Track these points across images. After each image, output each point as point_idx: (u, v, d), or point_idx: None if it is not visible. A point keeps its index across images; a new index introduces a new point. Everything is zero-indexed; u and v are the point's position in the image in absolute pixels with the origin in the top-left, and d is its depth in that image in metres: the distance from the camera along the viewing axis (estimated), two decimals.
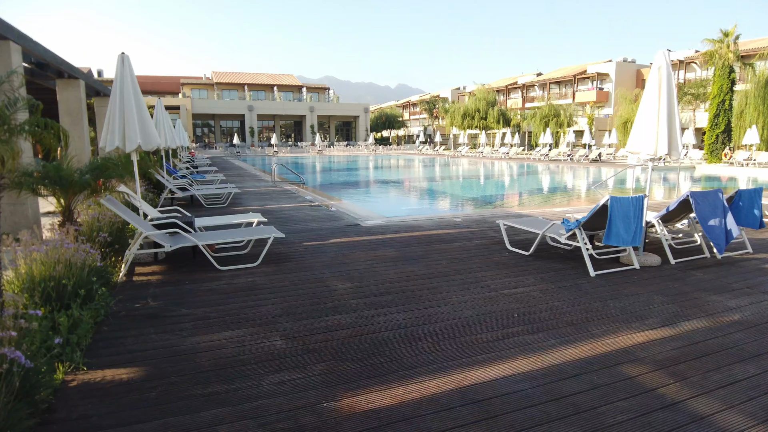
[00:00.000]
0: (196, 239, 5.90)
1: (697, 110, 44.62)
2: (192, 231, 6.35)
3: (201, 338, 3.96)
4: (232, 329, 4.14)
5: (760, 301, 4.90)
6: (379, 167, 33.64)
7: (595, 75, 55.75)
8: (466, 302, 4.81)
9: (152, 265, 6.15)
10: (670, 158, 6.32)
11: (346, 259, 6.43)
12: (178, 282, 5.47)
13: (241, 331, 4.09)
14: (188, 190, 11.93)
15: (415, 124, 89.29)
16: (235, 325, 4.22)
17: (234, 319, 4.38)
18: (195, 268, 6.04)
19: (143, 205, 7.10)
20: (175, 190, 11.75)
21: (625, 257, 6.22)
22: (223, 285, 5.36)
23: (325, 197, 13.87)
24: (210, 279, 5.58)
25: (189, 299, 4.89)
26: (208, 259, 6.03)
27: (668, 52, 6.06)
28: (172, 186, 11.88)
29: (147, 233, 5.69)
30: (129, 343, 3.88)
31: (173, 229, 6.09)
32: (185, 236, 5.98)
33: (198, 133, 65.92)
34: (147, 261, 6.30)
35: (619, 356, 3.66)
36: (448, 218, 9.86)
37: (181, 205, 11.04)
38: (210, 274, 5.77)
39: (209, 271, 5.88)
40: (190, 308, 4.64)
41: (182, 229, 6.18)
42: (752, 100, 32.73)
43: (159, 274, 5.79)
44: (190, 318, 4.39)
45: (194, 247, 6.22)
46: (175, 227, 6.18)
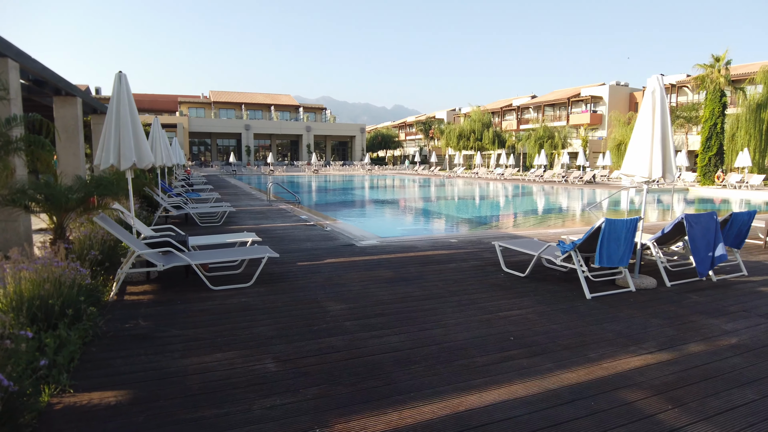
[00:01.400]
0: (189, 258, 5.84)
1: (689, 133, 45.17)
2: (186, 250, 6.28)
3: (191, 360, 3.88)
4: (224, 351, 4.06)
5: (757, 324, 4.87)
6: (374, 187, 33.71)
7: (589, 98, 56.48)
8: (462, 324, 4.75)
9: (144, 285, 6.07)
10: (665, 181, 6.36)
11: (341, 280, 6.37)
12: (170, 302, 5.39)
13: (233, 353, 4.02)
14: (183, 209, 11.88)
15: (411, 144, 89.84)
16: (227, 347, 4.15)
17: (226, 340, 4.30)
18: (187, 287, 5.97)
19: (137, 224, 7.04)
20: (170, 208, 11.70)
21: (620, 279, 6.20)
22: (215, 305, 5.29)
23: (321, 217, 13.84)
24: (202, 299, 5.51)
25: (180, 320, 4.82)
26: (201, 279, 5.96)
27: (661, 76, 6.13)
28: (167, 204, 11.82)
29: (140, 252, 5.63)
30: (117, 364, 3.79)
31: (166, 248, 6.03)
32: (178, 255, 5.92)
33: (194, 151, 66.06)
34: (139, 280, 6.22)
35: (617, 381, 3.61)
36: (444, 239, 9.83)
37: (175, 224, 10.98)
38: (202, 294, 5.70)
39: (202, 290, 5.81)
40: (182, 329, 4.56)
41: (176, 248, 6.12)
42: (743, 124, 33.20)
43: (150, 294, 5.71)
44: (180, 339, 4.32)
45: (187, 266, 6.15)
46: (168, 246, 6.12)
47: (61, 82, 11.26)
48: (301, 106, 74.06)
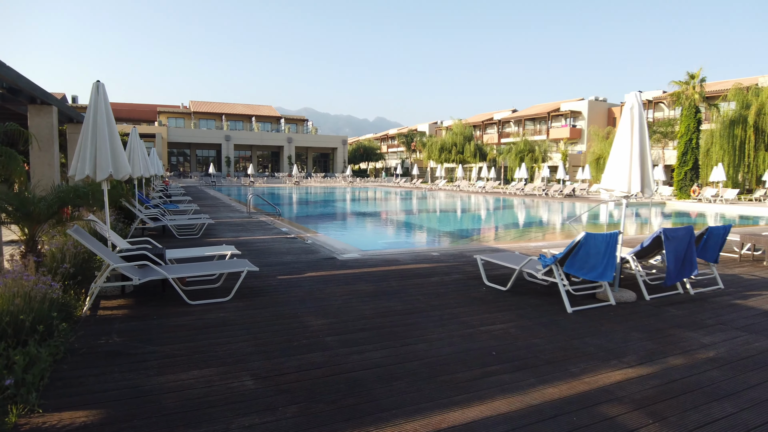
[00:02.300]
0: (166, 272, 5.71)
1: (665, 148, 46.25)
2: (162, 263, 6.15)
3: (167, 378, 3.77)
4: (201, 368, 3.96)
5: (734, 337, 4.94)
6: (356, 199, 33.67)
7: (569, 112, 57.52)
8: (444, 339, 4.72)
9: (119, 299, 5.91)
10: (643, 195, 6.46)
11: (322, 294, 6.29)
12: (146, 317, 5.25)
13: (210, 370, 3.91)
14: (160, 220, 11.68)
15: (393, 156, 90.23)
16: (204, 364, 4.04)
17: (203, 357, 4.19)
18: (164, 302, 5.83)
19: (112, 236, 6.89)
20: (147, 220, 11.49)
21: (601, 293, 6.24)
22: (192, 320, 5.17)
23: (302, 229, 13.73)
24: (179, 314, 5.38)
25: (156, 335, 4.69)
26: (178, 293, 5.83)
27: (639, 92, 6.25)
28: (144, 216, 11.61)
29: (114, 265, 5.49)
30: (90, 382, 3.66)
31: (143, 261, 5.90)
32: (155, 269, 5.78)
33: (173, 161, 65.31)
34: (113, 294, 6.06)
35: (598, 395, 3.61)
36: (426, 252, 9.82)
37: (152, 236, 10.77)
38: (179, 308, 5.57)
39: (179, 305, 5.67)
40: (157, 345, 4.44)
41: (152, 262, 5.99)
42: (718, 139, 34.12)
43: (125, 309, 5.56)
44: (156, 356, 4.19)
45: (164, 280, 6.02)
46: (144, 259, 5.99)
47: (37, 90, 11.04)
48: (283, 118, 73.91)
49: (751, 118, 32.30)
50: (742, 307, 6.05)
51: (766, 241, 8.94)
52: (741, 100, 33.75)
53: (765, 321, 5.50)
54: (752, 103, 32.75)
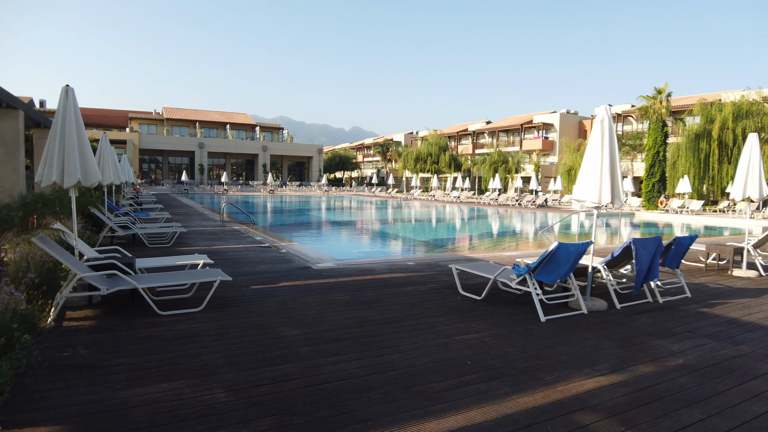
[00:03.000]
0: (135, 282, 5.56)
1: (634, 160, 47.51)
2: (132, 273, 5.99)
3: (135, 391, 3.65)
4: (171, 380, 3.85)
5: (701, 345, 5.06)
6: (331, 208, 33.55)
7: (541, 125, 58.65)
8: (420, 349, 4.71)
9: (85, 310, 5.73)
10: (613, 206, 6.60)
11: (296, 304, 6.22)
12: (114, 328, 5.10)
13: (181, 383, 3.81)
14: (130, 229, 11.40)
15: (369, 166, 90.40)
16: (174, 376, 3.93)
17: (173, 369, 4.09)
18: (133, 312, 5.67)
19: (79, 244, 6.69)
20: (116, 228, 11.21)
21: (573, 302, 6.33)
22: (162, 331, 5.04)
23: (276, 238, 13.59)
24: (149, 325, 5.24)
25: (124, 347, 4.55)
26: (148, 303, 5.68)
27: (609, 106, 6.40)
28: (113, 224, 11.33)
29: (81, 275, 5.32)
30: (53, 397, 3.53)
31: (111, 271, 5.73)
32: (124, 278, 5.63)
33: (145, 168, 64.10)
34: (80, 305, 5.87)
35: (572, 404, 3.64)
36: (401, 261, 9.83)
37: (122, 244, 10.50)
38: (149, 319, 5.42)
39: (148, 316, 5.53)
40: (125, 357, 4.31)
41: (121, 271, 5.83)
42: (684, 152, 35.23)
43: (92, 319, 5.39)
44: (124, 368, 4.07)
45: (133, 290, 5.86)
46: (113, 268, 5.82)
47: (2, 94, 10.70)
48: (258, 126, 73.38)
49: (715, 132, 33.46)
50: (709, 315, 6.21)
51: (731, 251, 9.23)
52: (705, 114, 34.98)
53: (730, 329, 5.65)
54: (716, 118, 33.96)
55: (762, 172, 9.06)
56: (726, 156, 33.56)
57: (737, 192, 9.18)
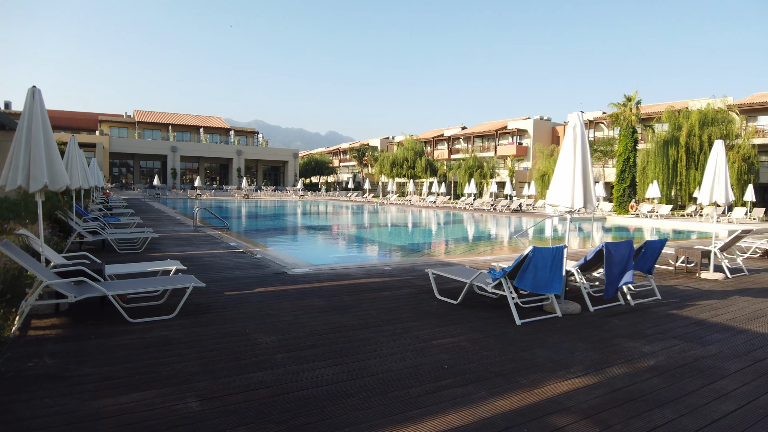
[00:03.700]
0: (105, 289, 5.41)
1: (605, 166, 48.55)
2: (101, 279, 5.83)
3: (105, 402, 3.54)
4: (142, 390, 3.75)
5: (671, 346, 5.17)
6: (307, 213, 33.34)
7: (515, 131, 59.48)
8: (397, 354, 4.69)
9: (52, 318, 5.55)
10: (585, 210, 6.72)
11: (271, 310, 6.14)
12: (82, 336, 4.95)
13: (152, 392, 3.71)
14: (100, 234, 11.11)
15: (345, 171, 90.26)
16: (145, 386, 3.83)
17: (144, 378, 3.98)
18: (102, 320, 5.52)
19: (46, 250, 6.48)
20: (85, 233, 10.90)
21: (548, 305, 6.41)
22: (133, 339, 4.91)
23: (251, 244, 13.42)
24: (119, 333, 5.10)
25: (93, 356, 4.42)
26: (118, 311, 5.53)
27: (581, 113, 6.52)
28: (82, 229, 11.02)
29: (48, 282, 5.15)
30: (17, 409, 3.39)
31: (80, 278, 5.57)
32: (93, 285, 5.47)
33: (115, 173, 62.69)
34: (46, 313, 5.68)
35: (548, 406, 3.67)
36: (378, 266, 9.81)
37: (91, 251, 10.23)
38: (119, 327, 5.28)
39: (119, 323, 5.38)
40: (94, 367, 4.18)
41: (90, 278, 5.66)
42: (653, 158, 36.20)
43: (59, 328, 5.22)
44: (93, 378, 3.94)
45: (103, 297, 5.70)
46: (81, 275, 5.66)
47: None
48: (232, 129, 72.55)
49: (682, 139, 34.48)
50: (679, 317, 6.36)
51: (698, 254, 9.49)
52: (673, 122, 36.03)
53: (699, 330, 5.80)
54: (683, 125, 35.01)
55: (728, 177, 9.35)
56: (693, 162, 34.59)
57: (704, 197, 9.45)
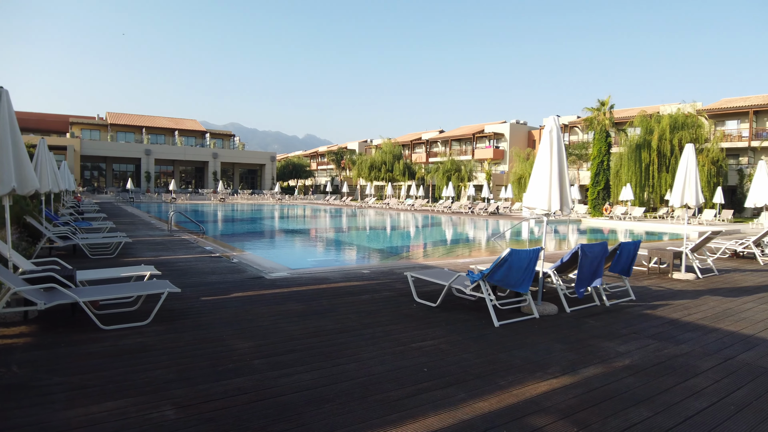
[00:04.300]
0: (76, 295, 5.26)
1: (580, 169, 49.40)
2: (72, 286, 5.68)
3: (76, 411, 3.44)
4: (115, 399, 3.65)
5: (646, 345, 5.27)
6: (285, 217, 33.10)
7: (492, 134, 60.11)
8: (376, 358, 4.67)
9: (21, 326, 5.37)
10: (561, 213, 6.82)
11: (248, 315, 6.06)
12: (52, 345, 4.81)
13: (126, 401, 3.62)
14: (71, 239, 10.83)
15: (323, 174, 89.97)
16: (119, 394, 3.73)
17: (118, 386, 3.88)
18: (74, 328, 5.37)
19: (14, 256, 6.28)
20: (55, 238, 10.62)
21: (525, 307, 6.47)
22: (106, 347, 4.79)
23: (227, 248, 13.25)
24: (91, 340, 4.96)
25: (64, 365, 4.29)
26: (90, 318, 5.39)
27: (557, 117, 6.62)
28: (52, 234, 10.73)
29: (16, 289, 4.99)
30: None
31: (49, 284, 5.41)
32: (63, 292, 5.32)
33: (87, 176, 61.26)
34: (14, 321, 5.50)
35: (526, 407, 3.70)
36: (356, 270, 9.78)
37: (61, 256, 9.96)
38: (91, 334, 5.14)
39: (91, 331, 5.24)
40: (65, 375, 4.06)
41: (60, 284, 5.51)
42: (626, 162, 36.98)
43: (28, 336, 5.06)
44: (64, 387, 3.83)
45: (74, 304, 5.55)
46: (51, 281, 5.50)
47: None
48: (208, 132, 71.64)
49: (654, 143, 35.31)
50: (652, 317, 6.48)
51: (670, 255, 9.71)
52: (645, 126, 36.88)
53: (672, 329, 5.92)
54: (654, 129, 35.85)
55: (698, 180, 9.59)
56: (664, 165, 35.45)
57: (675, 199, 9.68)
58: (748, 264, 11.69)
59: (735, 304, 7.31)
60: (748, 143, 40.05)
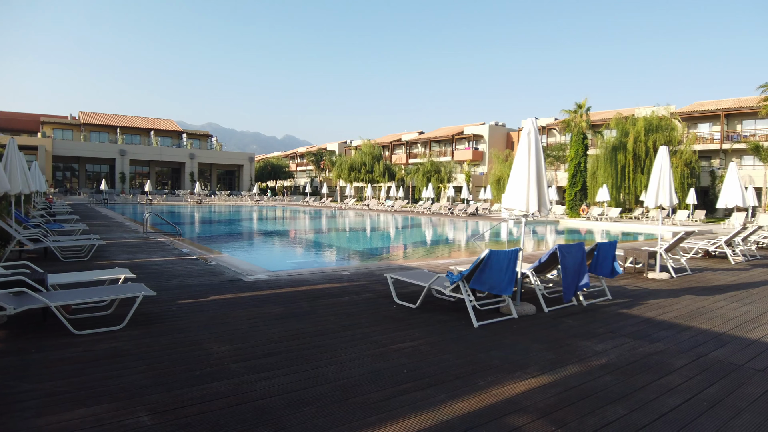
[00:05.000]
0: (47, 299, 5.12)
1: (558, 170, 50.08)
2: (43, 290, 5.52)
3: (47, 419, 3.34)
4: (89, 406, 3.56)
5: (622, 344, 5.35)
6: (263, 218, 32.82)
7: (471, 136, 60.57)
8: (355, 360, 4.65)
9: None
10: (539, 214, 6.90)
11: (226, 319, 5.98)
12: (22, 351, 4.67)
13: (100, 408, 3.53)
14: (42, 242, 10.56)
15: (302, 175, 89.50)
16: (92, 401, 3.64)
17: (91, 393, 3.78)
18: (45, 333, 5.23)
19: None
20: (25, 241, 10.33)
21: (504, 307, 6.52)
22: (79, 352, 4.67)
23: (205, 250, 13.08)
24: (63, 346, 4.84)
25: (35, 372, 4.17)
26: (62, 323, 5.25)
27: (535, 119, 6.69)
28: (22, 236, 10.44)
29: None
30: None
31: (19, 288, 5.25)
32: (34, 296, 5.17)
33: (59, 177, 59.86)
34: None
35: (505, 407, 3.72)
36: (336, 271, 9.74)
37: (32, 259, 9.71)
38: (64, 340, 5.01)
39: (63, 336, 5.11)
40: (36, 383, 3.94)
41: (30, 288, 5.35)
42: (602, 163, 37.64)
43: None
44: (35, 394, 3.72)
45: (45, 308, 5.40)
46: (21, 285, 5.34)
47: None
48: (185, 132, 70.66)
49: (629, 145, 36.02)
50: (628, 316, 6.60)
51: (645, 255, 9.89)
52: (621, 128, 37.61)
53: (647, 327, 6.03)
54: (630, 132, 36.58)
55: (672, 181, 9.80)
56: (640, 167, 36.19)
57: (650, 200, 9.87)
58: (720, 263, 11.98)
59: (707, 303, 7.49)
60: (720, 145, 41.16)
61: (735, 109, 40.67)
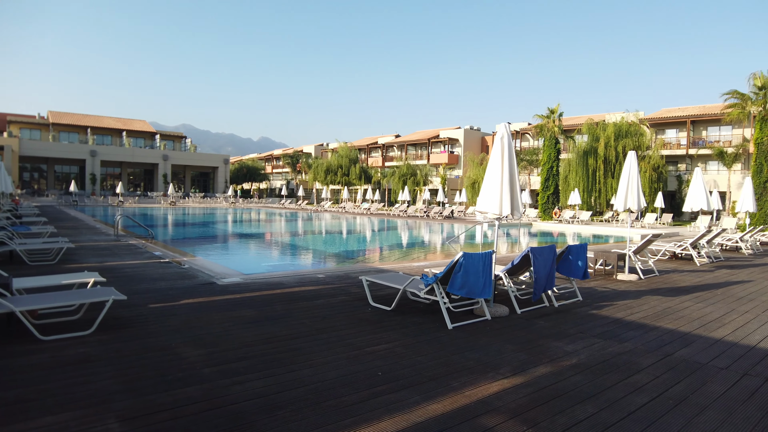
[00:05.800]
0: (11, 304, 4.98)
1: (531, 174, 50.85)
2: (8, 294, 5.37)
3: (13, 428, 3.25)
4: (55, 413, 3.47)
5: (592, 344, 5.47)
6: (238, 221, 32.46)
7: (447, 139, 61.04)
8: (330, 363, 4.65)
9: None
10: (512, 217, 7.01)
11: (199, 322, 5.90)
12: None
13: (67, 415, 3.45)
14: (7, 245, 10.24)
15: (278, 177, 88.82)
16: (60, 408, 3.55)
17: (58, 400, 3.69)
18: (9, 339, 5.07)
19: None
20: None
21: (478, 309, 6.59)
22: (46, 358, 4.55)
23: (177, 253, 12.87)
24: (29, 352, 4.71)
25: (0, 379, 4.05)
26: (28, 328, 5.11)
27: (508, 124, 6.80)
28: None
29: None
30: None
31: None
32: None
33: (26, 178, 58.12)
34: None
35: (478, 407, 3.77)
36: (311, 274, 9.70)
37: None
38: (29, 346, 4.87)
39: (29, 342, 4.97)
40: (1, 390, 3.82)
41: None
42: (574, 167, 38.35)
43: None
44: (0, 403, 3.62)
45: (10, 313, 5.24)
46: None
47: None
48: (158, 133, 69.42)
49: (600, 150, 36.79)
50: (598, 317, 6.74)
51: (615, 257, 10.13)
52: (592, 133, 38.40)
53: (616, 328, 6.18)
54: (600, 137, 37.37)
55: (640, 186, 10.07)
56: (610, 171, 36.99)
57: (619, 203, 10.11)
58: (686, 265, 12.35)
59: (674, 303, 7.71)
60: (686, 151, 42.43)
61: (700, 116, 41.98)
